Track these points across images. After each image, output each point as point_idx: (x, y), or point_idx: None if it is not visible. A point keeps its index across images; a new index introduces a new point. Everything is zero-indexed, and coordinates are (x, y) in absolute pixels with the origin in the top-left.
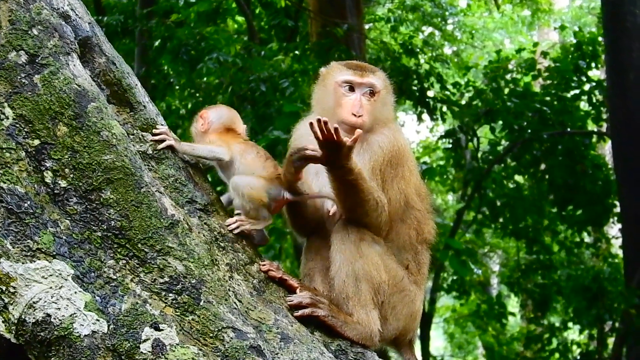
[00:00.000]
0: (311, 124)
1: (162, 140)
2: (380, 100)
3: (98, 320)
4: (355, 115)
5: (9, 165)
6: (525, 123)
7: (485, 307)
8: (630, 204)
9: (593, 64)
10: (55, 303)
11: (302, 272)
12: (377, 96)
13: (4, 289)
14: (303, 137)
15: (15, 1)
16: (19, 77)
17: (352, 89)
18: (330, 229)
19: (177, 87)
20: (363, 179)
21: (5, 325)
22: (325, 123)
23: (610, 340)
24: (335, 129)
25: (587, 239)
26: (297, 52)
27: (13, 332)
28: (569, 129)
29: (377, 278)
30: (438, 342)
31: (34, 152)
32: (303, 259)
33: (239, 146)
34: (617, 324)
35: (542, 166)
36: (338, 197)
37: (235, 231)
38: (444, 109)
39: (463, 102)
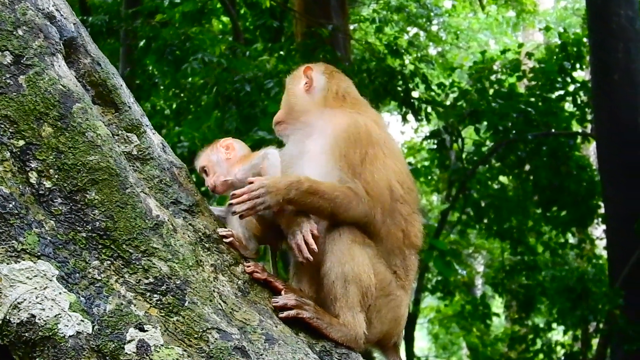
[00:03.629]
0: (233, 213)
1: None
2: (288, 92)
3: (83, 321)
4: None
5: None
6: (510, 124)
7: (470, 307)
8: (615, 204)
9: (578, 65)
10: (40, 304)
11: (291, 272)
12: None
13: None
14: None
15: (0, 2)
16: (4, 78)
17: None
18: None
19: (162, 87)
20: (315, 182)
21: None
22: (231, 205)
23: (595, 341)
24: (235, 196)
25: (572, 239)
26: (282, 52)
27: None
28: (553, 130)
29: (367, 281)
30: (422, 342)
31: (18, 153)
32: (292, 259)
33: None
34: (601, 325)
35: (527, 167)
36: (314, 213)
37: (226, 240)
38: (429, 109)
39: (448, 102)
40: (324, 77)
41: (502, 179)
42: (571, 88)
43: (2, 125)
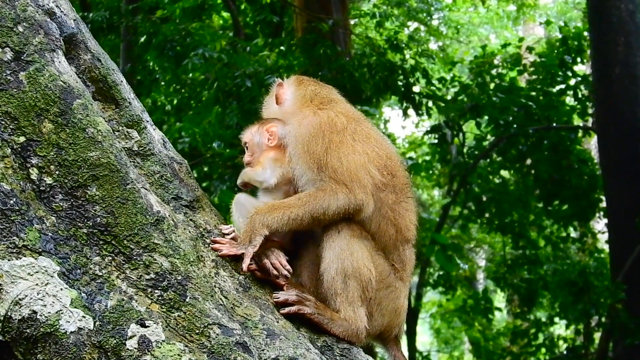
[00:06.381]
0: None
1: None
2: (264, 109)
3: (84, 317)
4: None
5: None
6: (510, 118)
7: (472, 302)
8: (616, 198)
9: (579, 59)
10: (41, 300)
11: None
12: None
13: None
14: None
15: None
16: (4, 74)
17: None
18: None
19: (162, 83)
20: (285, 204)
21: None
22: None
23: (597, 335)
24: (215, 241)
25: (573, 233)
26: (282, 47)
27: None
28: (554, 124)
29: (367, 275)
30: (424, 337)
31: (19, 149)
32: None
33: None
34: (603, 319)
35: (528, 161)
36: (301, 227)
37: (228, 237)
38: (430, 104)
39: (449, 97)
40: (293, 87)
41: (503, 173)
42: (572, 82)
43: (3, 122)
